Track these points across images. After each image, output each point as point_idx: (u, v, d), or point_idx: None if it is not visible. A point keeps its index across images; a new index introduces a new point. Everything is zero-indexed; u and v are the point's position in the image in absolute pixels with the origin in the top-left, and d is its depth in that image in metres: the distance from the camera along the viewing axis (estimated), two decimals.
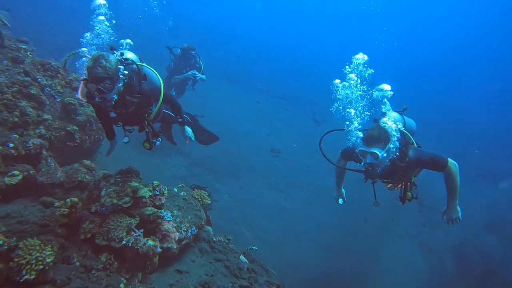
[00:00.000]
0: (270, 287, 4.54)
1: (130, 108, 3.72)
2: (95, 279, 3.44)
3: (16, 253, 2.96)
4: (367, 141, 3.61)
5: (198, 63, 8.17)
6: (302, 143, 12.65)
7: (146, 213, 3.94)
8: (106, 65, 3.24)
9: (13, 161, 4.42)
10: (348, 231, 8.63)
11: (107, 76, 3.24)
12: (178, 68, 8.14)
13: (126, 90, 3.57)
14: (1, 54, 4.79)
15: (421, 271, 8.58)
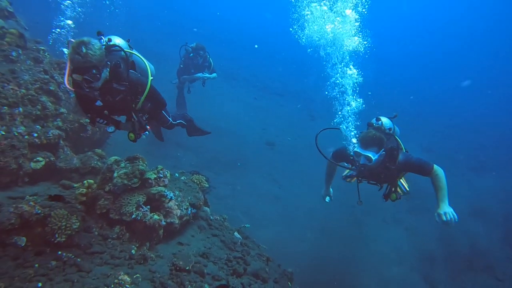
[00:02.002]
0: (261, 258, 5.22)
1: (117, 96, 3.55)
2: (111, 245, 4.12)
3: (50, 220, 3.63)
4: (363, 143, 3.77)
5: (208, 61, 8.27)
6: (296, 137, 13.28)
7: (152, 192, 4.60)
8: (89, 53, 3.04)
9: (36, 149, 5.07)
10: (338, 217, 9.21)
11: (91, 65, 3.09)
12: (187, 67, 8.27)
13: (113, 78, 3.41)
14: (25, 55, 5.44)
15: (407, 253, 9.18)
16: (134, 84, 3.61)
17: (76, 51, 3.02)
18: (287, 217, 8.55)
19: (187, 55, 8.17)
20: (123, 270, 3.81)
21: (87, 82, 3.16)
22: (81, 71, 3.09)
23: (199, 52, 8.07)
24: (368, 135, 3.78)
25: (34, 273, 3.27)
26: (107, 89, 3.43)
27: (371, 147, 3.73)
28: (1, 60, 5.06)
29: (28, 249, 3.49)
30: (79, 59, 3.02)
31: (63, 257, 3.58)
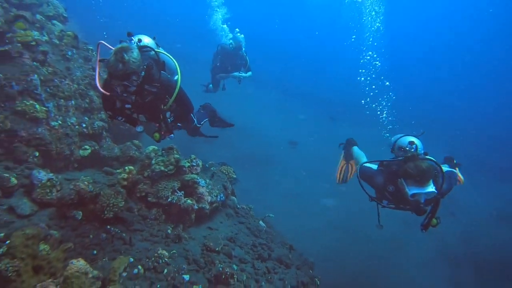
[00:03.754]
0: (284, 246, 5.57)
1: (147, 98, 3.54)
2: (150, 225, 4.60)
3: (100, 198, 4.14)
4: (421, 179, 3.19)
5: (244, 59, 8.13)
6: (317, 137, 13.57)
7: (185, 179, 5.05)
8: (130, 60, 3.07)
9: (84, 138, 5.66)
10: (359, 217, 9.37)
11: (132, 72, 3.13)
12: (223, 65, 8.13)
13: (146, 79, 3.38)
14: (77, 54, 6.06)
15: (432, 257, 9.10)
16: (165, 85, 3.58)
17: (118, 59, 3.04)
18: (308, 213, 8.86)
19: (224, 53, 8.06)
20: (160, 246, 4.27)
21: (125, 87, 3.21)
22: (122, 78, 3.13)
23: (237, 52, 7.98)
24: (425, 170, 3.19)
25: (90, 242, 3.78)
26: (138, 91, 3.38)
27: (429, 180, 3.21)
28: (60, 59, 5.68)
29: (83, 222, 4.01)
30: (121, 67, 3.04)
31: (111, 231, 4.08)
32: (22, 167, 4.43)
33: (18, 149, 4.55)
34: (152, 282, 3.67)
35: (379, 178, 3.70)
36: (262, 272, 4.76)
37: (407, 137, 3.96)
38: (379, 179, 3.71)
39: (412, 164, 3.24)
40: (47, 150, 4.90)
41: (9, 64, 4.77)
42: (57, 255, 3.06)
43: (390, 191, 3.57)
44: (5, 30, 4.77)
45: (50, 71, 5.29)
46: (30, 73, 4.85)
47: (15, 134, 4.56)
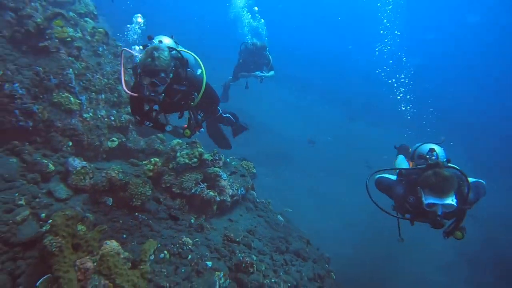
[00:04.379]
0: (301, 240, 5.70)
1: (176, 97, 3.63)
2: (174, 214, 4.80)
3: (129, 187, 4.37)
4: (440, 188, 2.94)
5: (267, 58, 8.05)
6: (336, 136, 13.62)
7: (208, 172, 5.25)
8: (161, 57, 3.18)
9: (112, 131, 5.93)
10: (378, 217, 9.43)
11: (161, 69, 3.21)
12: (246, 63, 8.10)
13: (174, 79, 3.48)
14: (107, 50, 6.36)
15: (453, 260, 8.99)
16: (193, 82, 3.65)
17: (148, 55, 3.17)
18: (324, 210, 8.95)
19: (247, 51, 8.02)
20: (184, 234, 4.48)
21: (153, 86, 3.26)
22: (151, 73, 3.20)
23: (260, 51, 7.91)
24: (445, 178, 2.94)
25: (120, 227, 4.01)
26: (168, 91, 3.47)
27: (450, 191, 2.95)
28: (92, 54, 5.98)
29: (114, 208, 4.26)
30: (151, 63, 3.15)
31: (139, 218, 4.31)
32: (57, 155, 4.72)
33: (54, 138, 4.85)
34: (177, 266, 3.87)
35: (399, 189, 3.47)
36: (280, 263, 4.91)
37: (427, 144, 3.74)
38: (398, 190, 3.47)
39: (432, 171, 3.02)
40: (79, 140, 5.18)
41: (48, 59, 5.07)
42: (94, 235, 3.29)
43: (410, 202, 3.31)
44: (45, 26, 5.07)
45: (83, 66, 5.58)
46: (66, 68, 5.14)
47: (51, 124, 4.85)
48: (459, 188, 3.09)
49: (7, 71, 4.42)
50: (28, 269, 3.22)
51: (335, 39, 30.66)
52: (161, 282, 3.54)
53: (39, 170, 4.21)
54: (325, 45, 29.36)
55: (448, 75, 26.50)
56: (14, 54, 4.87)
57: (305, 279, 4.88)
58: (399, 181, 3.59)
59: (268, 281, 4.32)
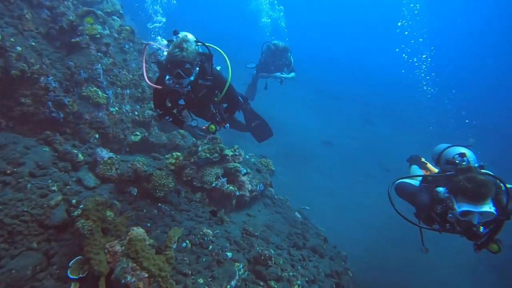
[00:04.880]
0: (319, 237, 5.74)
1: (201, 93, 3.65)
2: (195, 206, 4.94)
3: (153, 178, 4.53)
4: (475, 194, 2.65)
5: (288, 60, 8.01)
6: (353, 138, 13.56)
7: (229, 167, 5.36)
8: (189, 49, 3.23)
9: (135, 125, 6.13)
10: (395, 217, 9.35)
11: (187, 60, 3.24)
12: (267, 64, 8.09)
13: (200, 74, 3.50)
14: (133, 47, 6.59)
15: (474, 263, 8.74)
16: (218, 78, 3.67)
17: (176, 46, 3.23)
18: (340, 211, 8.94)
19: (269, 52, 7.98)
20: (204, 226, 4.59)
21: (178, 77, 3.29)
22: (178, 64, 3.24)
23: (282, 53, 7.86)
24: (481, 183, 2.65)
25: (144, 216, 4.17)
26: (193, 86, 3.49)
27: (487, 197, 2.65)
28: (118, 51, 6.20)
29: (138, 198, 4.42)
30: (178, 53, 3.20)
31: (162, 208, 4.45)
32: (85, 146, 4.93)
33: (82, 130, 5.07)
34: (198, 256, 3.99)
35: (424, 196, 3.11)
36: (297, 258, 4.97)
37: (456, 147, 3.41)
38: (424, 198, 3.11)
39: (464, 176, 2.74)
40: (105, 133, 5.39)
41: (79, 54, 5.30)
42: (122, 220, 3.45)
43: (438, 212, 2.98)
44: (78, 23, 5.31)
45: (111, 62, 5.80)
46: (95, 63, 5.36)
47: (80, 116, 5.08)
48: (496, 196, 2.76)
49: (43, 65, 4.65)
50: (60, 250, 3.40)
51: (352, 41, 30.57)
52: (183, 269, 3.66)
53: (70, 159, 4.42)
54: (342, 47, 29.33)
55: None
56: (48, 49, 5.12)
57: (322, 275, 4.93)
58: (424, 188, 3.23)
59: (286, 274, 4.39)
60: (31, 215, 3.48)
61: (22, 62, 4.35)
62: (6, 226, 3.32)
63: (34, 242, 3.39)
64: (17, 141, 4.31)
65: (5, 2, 4.90)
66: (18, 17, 4.96)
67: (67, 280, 3.15)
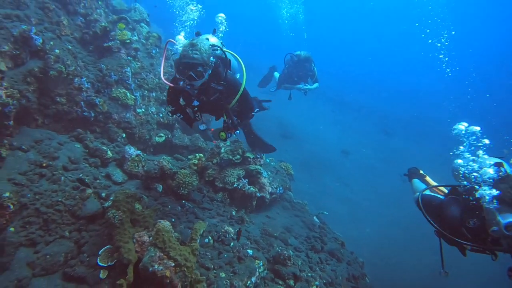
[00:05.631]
0: (336, 241, 5.74)
1: (212, 96, 3.57)
2: (217, 206, 5.05)
3: (177, 176, 4.68)
4: None
5: (312, 70, 7.84)
6: (370, 149, 13.50)
7: (250, 169, 5.47)
8: (201, 49, 3.16)
9: (160, 127, 6.35)
10: (406, 227, 9.19)
11: (200, 62, 3.17)
12: (290, 75, 8.00)
13: (212, 77, 3.44)
14: (159, 53, 6.88)
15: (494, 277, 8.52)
16: (231, 84, 3.59)
17: (192, 48, 3.16)
18: (357, 219, 8.89)
19: (292, 62, 7.85)
20: (226, 224, 4.69)
21: (189, 79, 3.24)
22: (189, 66, 3.17)
23: (304, 64, 7.72)
24: None
25: (169, 211, 4.30)
26: (204, 89, 3.43)
27: None
28: (146, 56, 6.49)
29: (163, 195, 4.57)
30: (190, 54, 3.14)
31: (186, 205, 4.58)
32: (113, 144, 5.15)
33: (111, 129, 5.30)
34: (220, 252, 4.08)
35: (454, 210, 2.79)
36: (315, 261, 4.98)
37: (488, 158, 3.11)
38: (454, 211, 2.79)
39: (507, 185, 2.47)
40: (132, 133, 5.62)
41: (110, 57, 5.59)
42: (150, 213, 3.59)
43: (470, 226, 2.65)
44: (110, 29, 5.61)
45: (139, 66, 6.07)
46: (125, 66, 5.63)
47: (110, 116, 5.32)
48: None
49: (77, 67, 4.93)
50: (90, 240, 3.56)
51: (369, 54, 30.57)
52: (206, 263, 3.75)
53: (99, 156, 4.63)
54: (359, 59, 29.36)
55: None
56: (82, 52, 5.42)
57: (339, 278, 4.92)
58: (452, 201, 2.87)
59: (305, 274, 4.42)
60: (64, 205, 3.67)
61: (60, 64, 4.62)
62: (42, 214, 3.52)
63: (66, 231, 3.57)
64: (51, 137, 4.56)
65: (45, 9, 5.24)
66: (56, 23, 5.29)
67: (97, 268, 3.30)
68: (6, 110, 3.61)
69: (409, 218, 8.95)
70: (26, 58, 4.42)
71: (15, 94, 3.80)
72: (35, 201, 3.58)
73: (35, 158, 4.06)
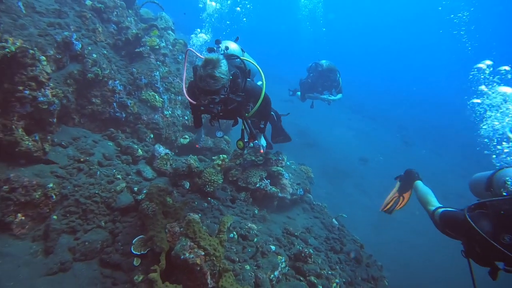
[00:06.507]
0: (355, 243, 5.81)
1: (231, 106, 3.49)
2: (240, 204, 5.22)
3: (203, 174, 4.89)
4: None
5: (336, 81, 7.79)
6: (389, 157, 13.45)
7: (272, 170, 5.64)
8: (220, 76, 3.00)
9: (185, 129, 6.62)
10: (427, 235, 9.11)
11: (221, 87, 3.08)
12: (314, 84, 7.93)
13: (231, 89, 3.33)
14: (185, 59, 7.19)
15: None
16: (251, 94, 3.53)
17: (208, 75, 2.96)
18: (375, 226, 8.87)
19: (317, 72, 7.79)
20: (249, 222, 4.86)
21: (212, 100, 3.14)
22: (211, 93, 3.08)
23: (329, 74, 7.66)
24: None
25: (196, 207, 4.51)
26: (223, 100, 3.29)
27: None
28: (173, 61, 6.82)
29: (189, 192, 4.79)
30: (211, 83, 2.99)
31: (211, 202, 4.78)
32: (142, 144, 5.42)
33: (140, 129, 5.59)
34: (244, 247, 4.24)
35: (486, 225, 2.45)
36: (334, 261, 5.07)
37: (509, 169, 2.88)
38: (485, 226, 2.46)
39: None
40: (159, 134, 5.90)
41: (140, 62, 5.92)
42: (181, 205, 3.80)
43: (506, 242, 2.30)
44: (141, 35, 5.96)
45: (167, 70, 6.38)
46: (154, 70, 5.95)
47: (139, 117, 5.61)
48: None
49: (111, 71, 5.26)
50: (124, 230, 3.80)
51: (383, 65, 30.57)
52: (232, 256, 3.92)
53: (131, 153, 4.90)
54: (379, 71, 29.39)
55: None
56: (115, 57, 5.77)
57: (359, 279, 4.99)
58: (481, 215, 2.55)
59: (325, 272, 4.52)
60: (101, 197, 3.93)
61: (97, 67, 4.96)
62: (81, 204, 3.78)
63: (102, 221, 3.82)
64: (87, 135, 4.87)
65: (83, 18, 5.63)
66: (92, 30, 5.66)
67: (131, 255, 3.52)
68: (51, 108, 3.91)
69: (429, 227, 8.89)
70: (66, 62, 4.76)
71: (59, 93, 4.12)
72: (74, 192, 3.85)
73: (73, 153, 4.36)
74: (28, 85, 3.66)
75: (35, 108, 3.76)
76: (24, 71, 3.62)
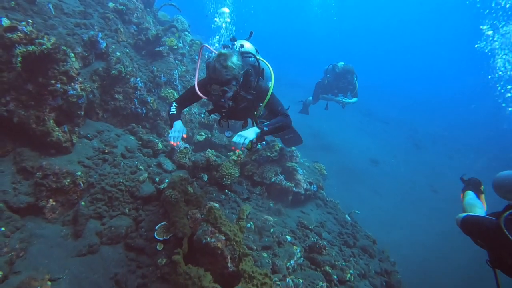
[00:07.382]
0: (368, 239, 5.89)
1: (241, 104, 3.49)
2: (255, 198, 5.37)
3: (221, 168, 5.06)
4: None
5: (353, 84, 7.75)
6: (400, 160, 13.47)
7: (287, 165, 5.78)
8: (232, 66, 3.07)
9: (201, 126, 6.81)
10: (441, 235, 9.12)
11: (233, 77, 3.12)
12: (330, 86, 7.89)
13: (242, 86, 3.32)
14: (201, 59, 7.42)
15: None
16: (260, 92, 3.47)
17: (219, 64, 3.05)
18: (387, 225, 8.90)
19: (333, 73, 7.77)
20: (265, 214, 5.00)
21: (223, 92, 3.16)
22: (222, 83, 3.11)
23: (346, 75, 7.63)
24: None
25: (214, 199, 4.67)
26: (234, 96, 3.29)
27: None
28: (190, 61, 7.06)
29: (207, 184, 4.96)
30: (222, 72, 3.05)
31: (228, 194, 4.94)
32: (161, 139, 5.62)
33: (159, 125, 5.79)
34: (261, 236, 4.38)
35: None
36: (348, 255, 5.17)
37: None
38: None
39: None
40: None
41: (160, 61, 6.14)
42: (202, 194, 3.97)
43: None
44: (161, 35, 6.20)
45: (184, 69, 6.60)
46: (173, 69, 6.17)
47: (158, 114, 5.82)
48: None
49: (133, 68, 5.49)
50: (147, 218, 3.97)
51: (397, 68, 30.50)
52: (250, 244, 4.07)
53: (151, 147, 5.10)
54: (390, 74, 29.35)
55: None
56: (136, 56, 6.00)
57: (372, 272, 5.07)
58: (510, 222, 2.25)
59: (339, 263, 4.62)
60: (125, 186, 4.12)
61: (120, 65, 5.19)
62: (107, 192, 3.97)
63: (127, 208, 4.00)
64: (110, 129, 5.08)
65: (106, 19, 5.89)
66: (115, 31, 5.92)
67: (154, 241, 3.69)
68: (80, 101, 4.14)
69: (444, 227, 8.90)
70: (92, 59, 5.01)
71: (87, 88, 4.35)
72: (100, 181, 4.05)
73: (98, 145, 4.57)
74: (60, 79, 3.89)
75: (65, 101, 3.98)
76: (57, 66, 3.84)
